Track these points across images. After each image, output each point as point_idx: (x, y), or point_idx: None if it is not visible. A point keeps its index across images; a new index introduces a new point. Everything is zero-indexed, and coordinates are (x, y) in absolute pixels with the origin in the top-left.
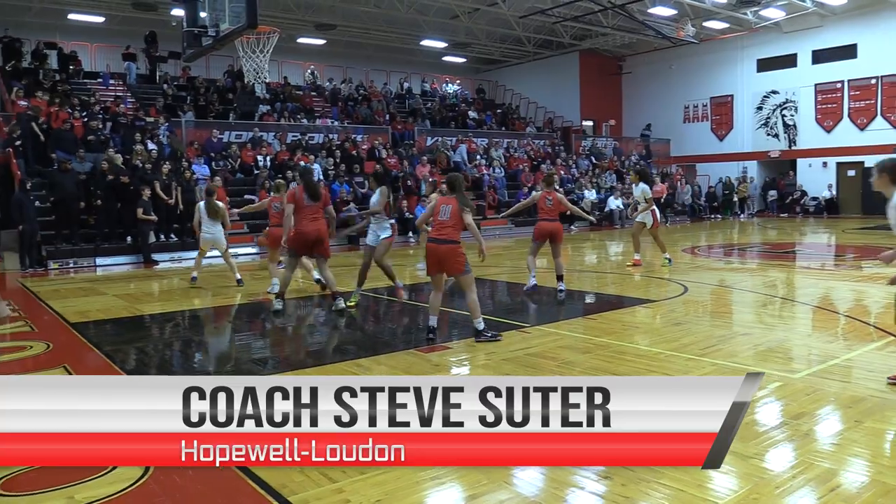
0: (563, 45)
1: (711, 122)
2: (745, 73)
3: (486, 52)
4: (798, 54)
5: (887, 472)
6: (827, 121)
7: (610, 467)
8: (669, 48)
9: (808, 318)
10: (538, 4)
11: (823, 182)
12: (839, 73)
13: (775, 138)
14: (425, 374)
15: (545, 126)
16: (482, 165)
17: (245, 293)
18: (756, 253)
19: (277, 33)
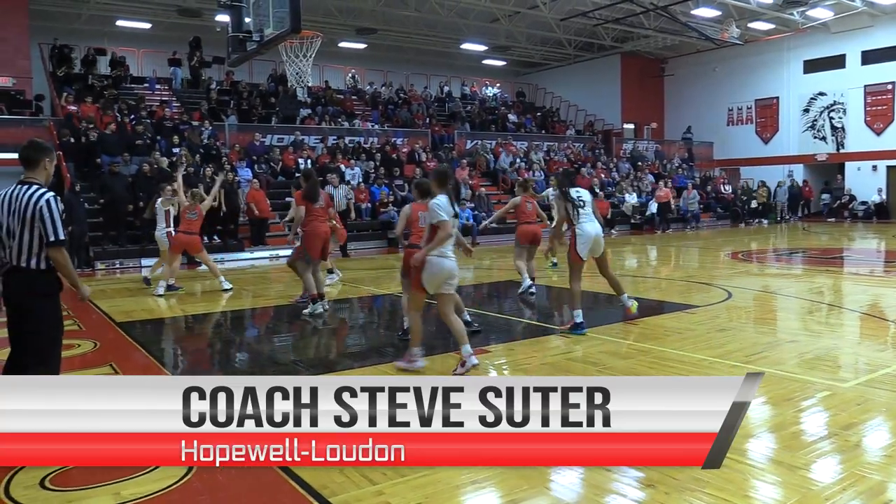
0: (604, 47)
1: (756, 124)
2: (791, 75)
3: (526, 55)
4: (847, 55)
5: None
6: (877, 123)
7: (651, 475)
8: (713, 50)
9: (856, 326)
10: (579, 7)
11: (873, 186)
12: (890, 74)
13: (822, 141)
14: (464, 377)
15: (585, 129)
16: (522, 169)
17: (285, 295)
18: (802, 258)
19: (320, 38)
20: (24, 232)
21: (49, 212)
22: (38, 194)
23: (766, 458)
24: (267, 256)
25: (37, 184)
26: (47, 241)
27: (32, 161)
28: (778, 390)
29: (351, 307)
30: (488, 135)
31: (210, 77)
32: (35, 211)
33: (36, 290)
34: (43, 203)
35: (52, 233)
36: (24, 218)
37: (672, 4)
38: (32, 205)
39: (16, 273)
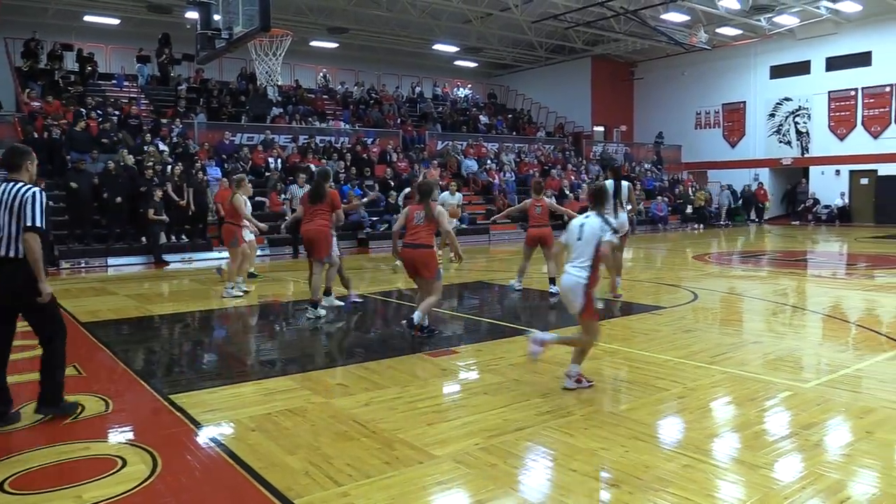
0: (575, 50)
1: (723, 128)
2: (757, 80)
3: (497, 57)
4: (812, 61)
5: None
6: (840, 128)
7: (616, 475)
8: (682, 54)
9: (818, 327)
10: (551, 10)
11: (836, 190)
12: (853, 81)
13: (788, 145)
14: (433, 378)
15: (556, 131)
16: (493, 170)
17: (256, 294)
18: (767, 261)
19: (290, 36)
20: (12, 223)
21: (33, 202)
22: (25, 188)
23: (728, 458)
24: None
25: (22, 181)
26: (25, 226)
27: (14, 165)
28: (741, 390)
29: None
30: (459, 136)
31: (179, 74)
32: (22, 201)
33: (25, 277)
34: (30, 195)
35: (30, 218)
36: (13, 209)
37: (642, 9)
38: (20, 196)
39: (7, 263)
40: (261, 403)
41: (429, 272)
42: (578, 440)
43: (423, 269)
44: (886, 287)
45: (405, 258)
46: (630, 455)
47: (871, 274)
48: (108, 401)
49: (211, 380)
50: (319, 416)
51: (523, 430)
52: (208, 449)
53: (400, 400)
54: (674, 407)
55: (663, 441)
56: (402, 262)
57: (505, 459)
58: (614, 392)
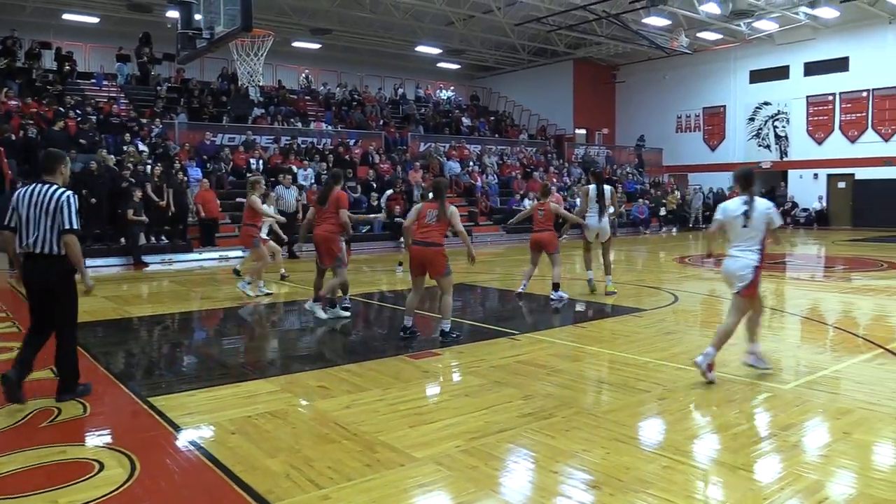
0: (558, 53)
1: (704, 132)
2: (737, 85)
3: (480, 59)
4: (790, 66)
5: (875, 484)
6: (818, 133)
7: (597, 476)
8: (663, 58)
9: (797, 329)
10: (533, 13)
11: (814, 194)
12: (831, 86)
13: (767, 149)
14: (415, 380)
15: (538, 134)
16: (475, 172)
17: (233, 297)
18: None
19: (272, 37)
20: (47, 222)
21: (68, 206)
22: (60, 191)
23: (708, 459)
24: (216, 258)
25: (56, 184)
26: (63, 229)
27: (50, 169)
28: (721, 392)
29: (302, 309)
30: (442, 138)
31: (159, 74)
32: (58, 205)
33: (58, 272)
34: (64, 199)
35: (68, 222)
36: (48, 210)
37: (624, 13)
38: (55, 199)
39: (39, 259)
40: (241, 406)
41: (439, 269)
42: (559, 442)
43: (433, 267)
44: (863, 289)
45: (414, 255)
46: (611, 457)
47: (849, 276)
48: (86, 404)
49: (190, 382)
50: (300, 419)
51: (504, 432)
52: (187, 452)
53: (382, 402)
54: (654, 408)
55: (644, 442)
56: (411, 259)
57: (486, 461)
58: (595, 394)
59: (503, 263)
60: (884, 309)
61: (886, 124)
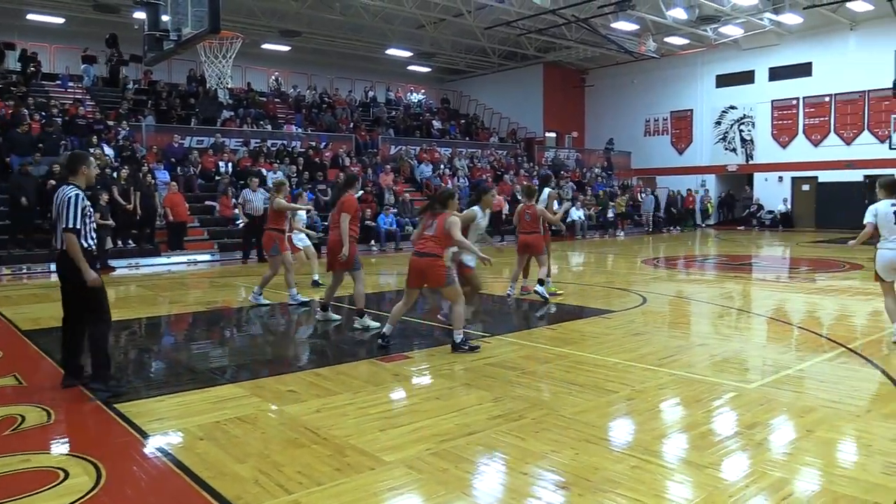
0: (528, 56)
1: (671, 135)
2: (704, 89)
3: (451, 63)
4: (756, 71)
5: (837, 480)
6: (783, 136)
7: (569, 478)
8: (631, 62)
9: (763, 330)
10: (503, 16)
11: (779, 196)
12: (795, 91)
13: (733, 152)
14: (385, 383)
15: (509, 137)
16: (446, 175)
17: (202, 301)
18: (713, 265)
19: (241, 39)
20: (60, 221)
21: (69, 205)
22: (68, 190)
23: (676, 458)
24: (185, 262)
25: (72, 184)
26: (64, 227)
27: (72, 170)
28: (688, 392)
29: (273, 313)
30: (412, 140)
31: (127, 76)
32: (63, 203)
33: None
34: (68, 197)
35: (66, 220)
36: (59, 209)
37: (593, 17)
38: (63, 198)
39: (62, 254)
40: (209, 411)
41: (438, 279)
42: (529, 443)
43: (431, 278)
44: (827, 290)
45: (411, 266)
46: (580, 457)
47: (813, 277)
48: (50, 411)
49: (158, 388)
50: (269, 424)
51: (475, 435)
52: (154, 459)
53: (352, 406)
54: (623, 409)
55: (612, 443)
56: (408, 269)
57: (456, 464)
58: (565, 395)
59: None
60: (846, 309)
61: (848, 128)
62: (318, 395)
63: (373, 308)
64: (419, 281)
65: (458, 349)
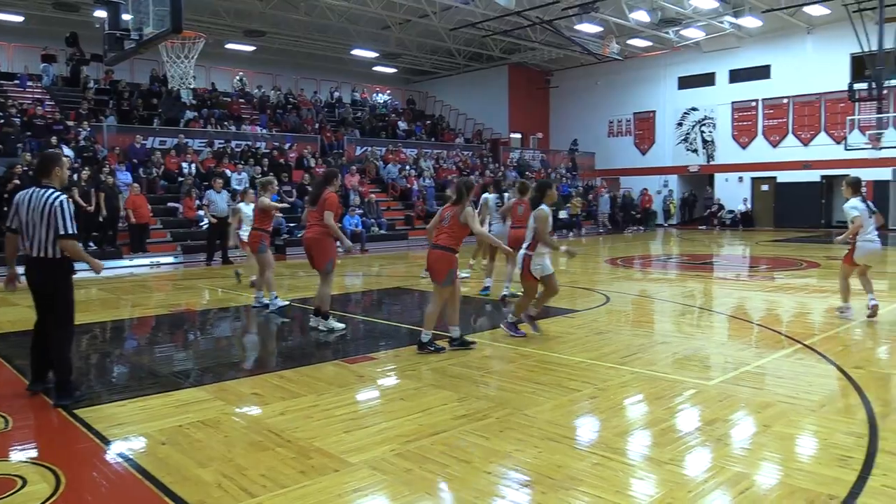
0: (493, 58)
1: (634, 136)
2: (666, 90)
3: (416, 63)
4: (716, 73)
5: (793, 473)
6: (743, 137)
7: (532, 477)
8: (595, 64)
9: (723, 327)
10: (468, 18)
11: (739, 196)
12: (754, 93)
13: (694, 153)
14: (350, 385)
15: (474, 137)
16: (412, 176)
17: (166, 304)
18: (675, 264)
19: (203, 39)
20: (43, 227)
21: (62, 210)
22: (54, 196)
23: (638, 455)
24: (147, 264)
25: (52, 187)
26: (58, 234)
27: (45, 171)
28: (650, 389)
29: (237, 315)
30: (378, 141)
31: (88, 75)
32: (52, 209)
33: (56, 275)
34: (58, 203)
35: (62, 227)
36: (42, 214)
37: (557, 19)
38: (49, 204)
39: (37, 262)
40: (172, 416)
41: (438, 275)
42: (493, 443)
43: (434, 271)
44: (785, 288)
45: (427, 259)
46: (543, 455)
47: (772, 275)
48: (8, 418)
49: (119, 393)
50: (233, 427)
51: (439, 435)
52: (115, 465)
53: (316, 408)
54: (586, 407)
55: (575, 441)
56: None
57: (421, 464)
58: (529, 394)
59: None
60: (803, 306)
61: (805, 130)
62: (283, 398)
63: (336, 309)
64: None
65: (424, 349)
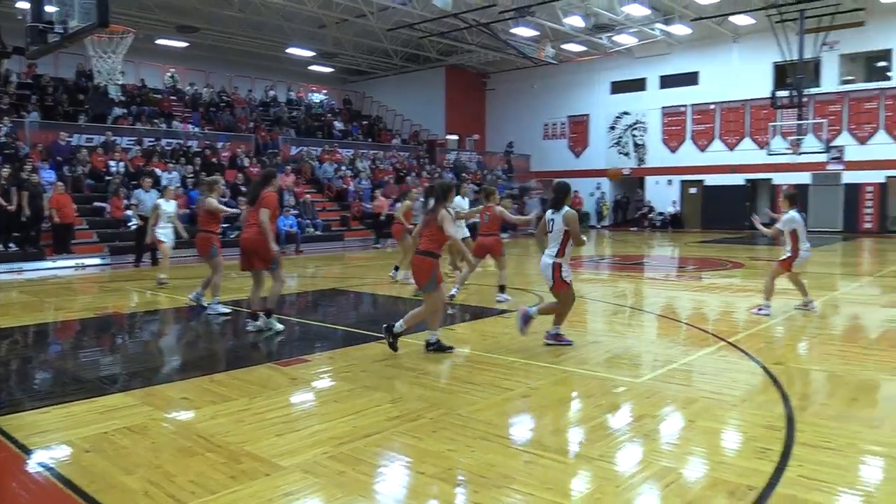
0: (430, 59)
1: (569, 139)
2: (600, 95)
3: (353, 63)
4: (648, 79)
5: (717, 466)
6: (672, 142)
7: (465, 476)
8: (531, 68)
9: (653, 326)
10: (406, 18)
11: (669, 198)
12: (683, 98)
13: (626, 156)
14: (283, 388)
15: (411, 139)
16: (348, 177)
17: (91, 307)
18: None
19: (132, 34)
20: None
21: None
22: None
23: (569, 452)
24: (72, 265)
25: None
26: None
27: None
28: (582, 388)
29: (166, 318)
30: (314, 141)
31: (9, 69)
32: None
33: None
34: None
35: None
36: None
37: (493, 22)
38: None
39: None
40: (97, 422)
41: (421, 280)
42: (427, 443)
43: (416, 276)
44: (711, 287)
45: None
46: (476, 455)
47: (699, 276)
48: None
49: (41, 399)
50: (161, 433)
51: (372, 436)
52: (36, 475)
53: (247, 412)
54: (519, 406)
55: (508, 439)
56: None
57: (354, 466)
58: (463, 394)
59: (374, 269)
60: (728, 305)
61: (731, 135)
62: (213, 402)
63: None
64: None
65: (428, 347)
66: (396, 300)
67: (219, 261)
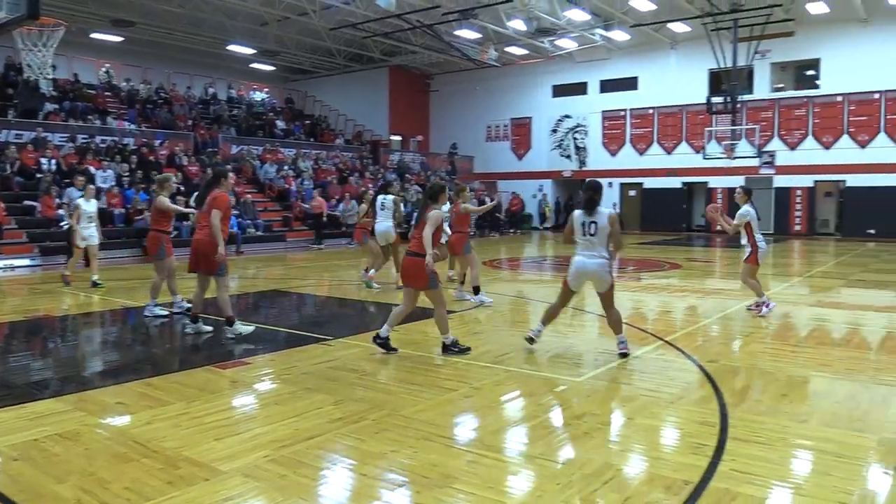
0: (374, 59)
1: (512, 141)
2: (542, 98)
3: (295, 62)
4: (588, 83)
5: (653, 462)
6: (612, 145)
7: (407, 476)
8: (474, 70)
9: (594, 326)
10: (349, 18)
11: (609, 201)
12: (623, 103)
13: (568, 159)
14: (222, 391)
15: (354, 139)
16: (290, 177)
17: (20, 310)
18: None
19: (64, 27)
20: None
21: None
22: None
23: (511, 451)
24: (0, 267)
25: None
26: None
27: None
28: (524, 387)
29: (102, 321)
30: (255, 140)
31: None
32: None
33: None
34: None
35: None
36: None
37: (437, 24)
38: None
39: None
40: (26, 429)
41: (418, 281)
42: (369, 445)
43: (411, 279)
44: (650, 288)
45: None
46: (419, 455)
47: (638, 276)
48: None
49: None
50: (94, 439)
51: (314, 439)
52: None
53: (185, 416)
54: (461, 406)
55: (451, 440)
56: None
57: (295, 469)
58: (405, 395)
59: (315, 269)
60: (666, 305)
61: (669, 139)
62: (150, 406)
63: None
64: (405, 280)
65: (447, 352)
66: (338, 301)
67: (167, 262)
